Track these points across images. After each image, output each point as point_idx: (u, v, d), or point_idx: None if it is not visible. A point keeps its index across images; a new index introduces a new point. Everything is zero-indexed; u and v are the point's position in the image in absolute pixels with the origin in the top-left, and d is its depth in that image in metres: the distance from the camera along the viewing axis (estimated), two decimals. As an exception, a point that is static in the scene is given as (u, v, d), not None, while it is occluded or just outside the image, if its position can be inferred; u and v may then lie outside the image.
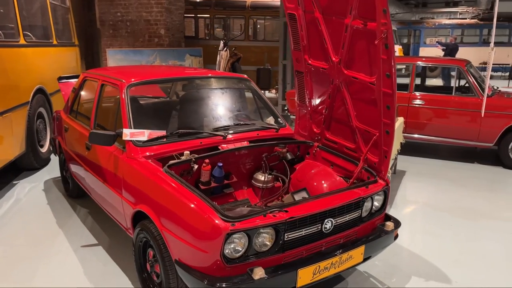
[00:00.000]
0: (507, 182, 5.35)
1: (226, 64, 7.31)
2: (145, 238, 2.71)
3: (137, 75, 3.46)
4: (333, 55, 2.89)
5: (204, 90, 3.73)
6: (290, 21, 3.14)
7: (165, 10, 9.67)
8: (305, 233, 2.41)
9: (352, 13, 2.57)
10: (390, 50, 2.38)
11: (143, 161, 2.81)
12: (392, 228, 2.79)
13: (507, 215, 4.23)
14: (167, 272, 2.48)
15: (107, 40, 10.29)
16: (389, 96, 2.53)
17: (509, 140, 5.63)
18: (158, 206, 2.52)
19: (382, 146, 2.75)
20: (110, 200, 3.21)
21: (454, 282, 3.05)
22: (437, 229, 3.89)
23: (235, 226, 2.18)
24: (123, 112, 3.08)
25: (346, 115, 3.04)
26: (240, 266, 2.25)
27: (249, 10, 11.41)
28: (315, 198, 2.54)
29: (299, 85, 3.39)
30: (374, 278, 3.09)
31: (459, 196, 4.74)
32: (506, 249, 3.56)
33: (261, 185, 3.17)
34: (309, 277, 2.38)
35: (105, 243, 3.58)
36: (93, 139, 2.95)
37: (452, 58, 6.21)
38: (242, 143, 3.18)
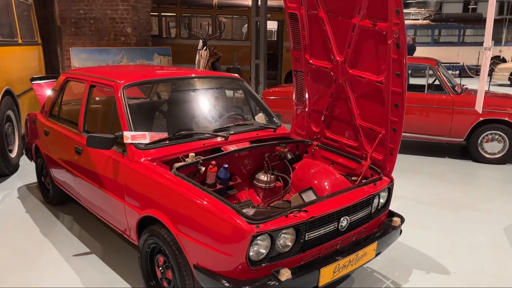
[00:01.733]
0: (479, 175, 5.65)
1: (206, 63, 7.20)
2: (154, 244, 2.62)
3: (131, 75, 3.33)
4: (337, 54, 2.92)
5: (197, 90, 3.65)
6: (290, 20, 3.14)
7: (131, 8, 9.37)
8: (323, 232, 2.42)
9: (361, 13, 2.61)
10: (401, 50, 2.43)
11: (149, 164, 2.71)
12: (399, 224, 2.88)
13: (486, 206, 4.46)
14: (183, 278, 2.41)
15: (68, 38, 9.81)
16: (398, 94, 2.59)
17: (478, 135, 5.94)
18: (172, 210, 2.43)
19: (388, 143, 2.82)
20: (108, 206, 3.07)
21: (452, 272, 3.18)
22: (426, 222, 4.04)
23: (260, 228, 2.15)
24: (121, 114, 2.96)
25: (348, 114, 3.09)
26: (264, 268, 2.22)
27: (216, 9, 11.31)
28: (330, 197, 2.55)
29: (298, 84, 3.40)
30: (377, 273, 3.16)
31: (439, 190, 4.95)
32: (491, 238, 3.75)
33: (263, 185, 3.15)
34: (330, 275, 2.39)
35: (98, 251, 3.43)
36: (91, 143, 2.81)
37: (424, 58, 6.46)
38: (245, 144, 3.14)
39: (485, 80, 3.28)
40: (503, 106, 5.87)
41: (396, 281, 3.06)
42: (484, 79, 3.28)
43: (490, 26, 3.22)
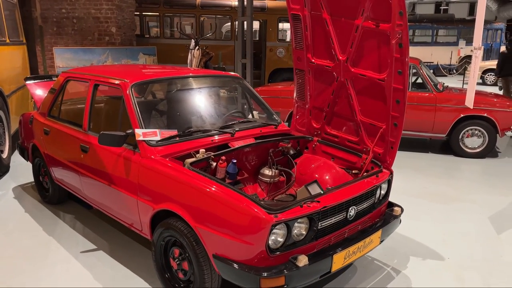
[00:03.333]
0: (462, 169, 5.94)
1: (199, 63, 7.26)
2: (169, 237, 2.71)
3: (137, 75, 3.39)
4: (340, 53, 3.08)
5: (201, 89, 3.74)
6: (293, 21, 3.27)
7: (116, 7, 9.31)
8: (334, 221, 2.57)
9: (364, 15, 2.77)
10: (404, 49, 2.60)
11: (162, 160, 2.79)
12: (399, 213, 3.06)
13: (470, 197, 4.73)
14: (201, 268, 2.51)
15: (50, 38, 9.67)
16: (400, 91, 2.76)
17: (460, 131, 6.24)
18: (189, 203, 2.53)
19: (389, 137, 2.99)
20: (118, 202, 3.13)
21: (447, 258, 3.39)
22: (418, 214, 4.26)
23: (278, 217, 2.27)
24: (130, 112, 3.02)
25: (349, 110, 3.25)
26: (282, 256, 2.35)
27: (199, 9, 11.34)
28: (338, 188, 2.70)
29: (299, 83, 3.54)
30: (378, 261, 3.34)
31: (425, 183, 5.19)
32: (478, 227, 3.99)
33: (268, 179, 3.27)
34: (341, 261, 2.54)
35: (105, 247, 3.48)
36: (103, 141, 2.87)
37: (407, 57, 6.70)
38: (250, 140, 3.26)
39: (475, 78, 3.51)
40: (482, 103, 6.18)
41: (396, 267, 3.24)
42: (475, 77, 3.51)
43: (480, 27, 3.45)
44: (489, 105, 6.14)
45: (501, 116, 6.07)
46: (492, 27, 21.72)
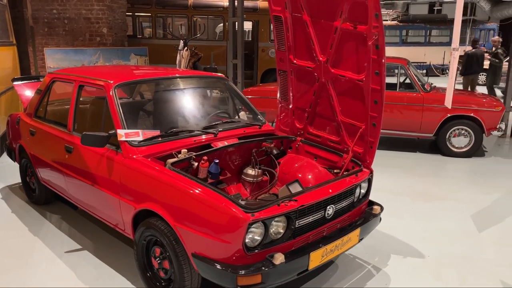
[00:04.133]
0: (448, 168, 6.00)
1: (188, 63, 7.29)
2: (150, 236, 2.74)
3: (121, 76, 3.42)
4: (320, 55, 3.12)
5: (186, 89, 3.78)
6: (275, 23, 3.32)
7: (107, 8, 9.31)
8: (311, 219, 2.61)
9: (342, 17, 2.81)
10: (380, 51, 2.65)
11: (144, 160, 2.83)
12: (379, 212, 3.11)
13: (454, 196, 4.79)
14: (181, 267, 2.55)
15: (41, 38, 9.66)
16: (378, 92, 2.81)
17: (446, 131, 6.31)
18: (169, 202, 2.57)
19: (368, 137, 3.04)
20: (101, 202, 3.16)
21: (427, 256, 3.44)
22: (401, 212, 4.32)
23: (255, 216, 2.32)
24: (113, 113, 3.06)
25: (330, 110, 3.29)
26: (259, 254, 2.39)
27: (192, 9, 11.37)
28: (317, 187, 2.75)
29: (282, 83, 3.58)
30: (359, 259, 3.39)
31: (410, 182, 5.25)
32: (459, 225, 4.05)
33: (252, 179, 3.31)
34: (318, 259, 2.59)
35: (90, 247, 3.50)
36: (86, 141, 2.90)
37: (395, 57, 6.78)
38: (233, 140, 3.30)
39: (454, 79, 3.57)
40: (468, 103, 6.25)
41: (376, 265, 3.29)
42: (453, 77, 3.57)
43: (458, 28, 3.50)
44: (475, 105, 6.21)
45: (487, 116, 6.14)
46: (485, 27, 21.89)
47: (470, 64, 9.10)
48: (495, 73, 9.60)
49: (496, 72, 9.56)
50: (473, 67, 9.13)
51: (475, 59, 9.16)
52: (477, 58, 9.22)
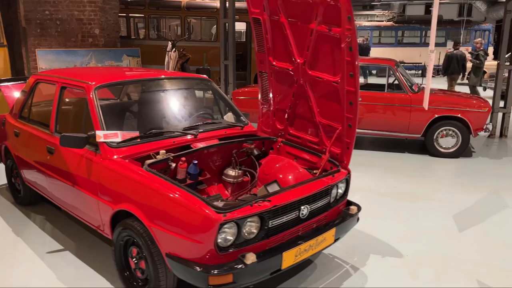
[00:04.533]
0: (434, 168, 6.04)
1: (176, 65, 7.32)
2: (127, 237, 2.77)
3: (102, 77, 3.45)
4: (298, 57, 3.15)
5: (168, 90, 3.80)
6: (254, 25, 3.35)
7: (99, 9, 9.34)
8: (285, 219, 2.64)
9: (318, 19, 2.84)
10: (354, 53, 2.68)
11: (121, 162, 2.85)
12: (356, 212, 3.14)
13: (438, 196, 4.82)
14: (156, 267, 2.58)
15: (34, 39, 9.68)
16: (352, 93, 2.85)
17: (434, 131, 6.35)
18: (145, 203, 2.59)
19: (345, 138, 3.07)
20: (81, 202, 3.18)
21: (405, 256, 3.47)
22: (384, 212, 4.35)
23: (227, 216, 2.35)
24: (93, 114, 3.08)
25: (309, 112, 3.33)
26: (232, 254, 2.42)
27: (185, 10, 11.40)
28: (291, 188, 2.78)
29: (263, 85, 3.61)
30: (338, 258, 3.42)
31: (396, 182, 5.29)
32: (441, 225, 4.08)
33: (231, 180, 3.33)
34: (292, 259, 2.61)
35: (72, 248, 3.53)
36: (64, 142, 2.93)
37: (383, 59, 6.82)
38: (213, 141, 3.33)
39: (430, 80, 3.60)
40: (456, 103, 6.29)
41: (354, 265, 3.32)
42: (430, 78, 3.60)
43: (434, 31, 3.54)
44: (462, 106, 6.25)
45: (474, 117, 6.18)
46: (480, 28, 21.98)
47: (449, 65, 9.65)
48: (477, 74, 9.90)
49: (477, 73, 9.89)
50: (452, 68, 9.64)
51: (455, 60, 9.66)
52: (457, 59, 9.69)
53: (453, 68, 9.72)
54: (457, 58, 9.72)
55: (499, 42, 7.70)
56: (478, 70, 9.91)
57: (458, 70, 9.83)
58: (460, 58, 9.71)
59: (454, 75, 9.86)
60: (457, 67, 9.76)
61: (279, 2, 3.04)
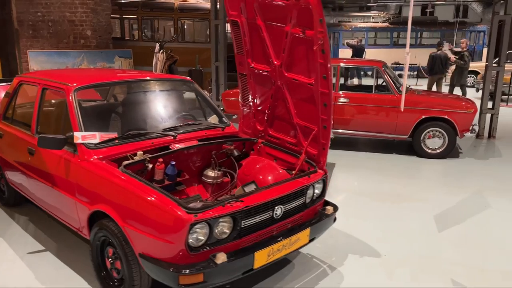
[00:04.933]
0: (420, 169, 6.08)
1: (163, 66, 7.35)
2: (104, 237, 2.80)
3: (83, 79, 3.48)
4: (275, 59, 3.19)
5: (149, 92, 3.83)
6: (233, 27, 3.38)
7: (91, 10, 9.38)
8: (258, 220, 2.67)
9: (292, 22, 2.88)
10: (326, 55, 2.72)
11: (98, 163, 2.88)
12: (331, 212, 3.17)
13: (421, 196, 4.86)
14: (130, 267, 2.60)
15: (26, 41, 9.71)
16: (326, 95, 2.88)
17: (421, 132, 6.39)
18: (119, 204, 2.62)
19: (321, 139, 3.11)
20: (60, 203, 3.21)
21: (383, 256, 3.51)
22: (366, 212, 4.39)
23: (198, 216, 2.38)
24: (71, 116, 3.11)
25: (287, 113, 3.36)
26: (203, 253, 2.45)
27: (178, 12, 11.43)
28: (266, 188, 2.82)
29: (243, 86, 3.64)
30: (316, 258, 3.45)
31: (381, 183, 5.33)
32: (421, 225, 4.12)
33: (211, 181, 3.37)
34: (264, 258, 2.64)
35: (53, 248, 3.55)
36: (42, 143, 2.96)
37: (371, 60, 6.85)
38: (192, 142, 3.35)
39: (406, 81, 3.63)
40: (442, 105, 6.34)
41: (332, 265, 3.35)
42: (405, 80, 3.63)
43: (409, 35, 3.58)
44: (449, 107, 6.29)
45: (460, 118, 6.22)
46: (475, 29, 22.06)
47: (433, 65, 9.97)
48: (461, 74, 10.12)
49: (462, 73, 10.12)
50: (436, 68, 9.97)
51: (439, 60, 9.94)
52: (440, 60, 9.96)
53: (437, 68, 10.02)
54: (441, 59, 10.00)
55: (489, 43, 7.75)
56: (463, 71, 10.14)
57: (442, 70, 10.14)
58: (443, 59, 10.00)
59: (438, 75, 10.17)
60: (441, 68, 10.06)
61: (256, 5, 3.07)
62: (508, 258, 3.52)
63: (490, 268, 3.36)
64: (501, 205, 4.63)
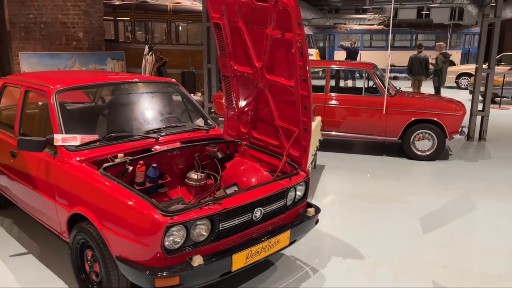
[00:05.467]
0: (409, 171, 6.09)
1: (152, 68, 7.35)
2: (82, 240, 2.79)
3: (65, 81, 3.47)
4: (256, 61, 3.19)
5: (133, 94, 3.83)
6: (215, 29, 3.38)
7: (83, 12, 9.36)
8: (237, 222, 2.67)
9: (272, 24, 2.88)
10: (305, 58, 2.72)
11: (78, 165, 2.87)
12: (313, 214, 3.17)
13: (407, 198, 4.87)
14: (108, 269, 2.59)
15: (18, 43, 9.68)
16: (306, 97, 2.89)
17: (411, 134, 6.40)
18: (97, 207, 2.62)
19: (302, 141, 3.11)
20: (41, 206, 3.20)
21: (366, 257, 3.51)
22: (353, 214, 4.39)
23: (174, 219, 2.37)
24: (52, 118, 3.10)
25: (269, 115, 3.36)
26: (180, 256, 2.45)
27: (171, 14, 11.43)
28: (245, 190, 2.81)
29: (226, 88, 3.64)
30: (299, 260, 3.45)
31: (370, 185, 5.33)
32: (406, 227, 4.13)
33: (194, 183, 3.36)
34: (242, 261, 2.64)
35: (36, 251, 3.54)
36: (22, 146, 2.95)
37: (361, 62, 6.87)
38: (175, 144, 3.35)
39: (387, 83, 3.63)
40: (431, 107, 6.35)
41: (315, 267, 3.35)
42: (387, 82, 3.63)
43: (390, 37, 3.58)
44: (438, 109, 6.31)
45: (449, 120, 6.23)
46: (470, 32, 22.16)
47: (413, 67, 10.44)
48: (438, 76, 10.68)
49: (438, 75, 10.66)
50: (416, 69, 10.41)
51: (418, 62, 10.37)
52: (419, 62, 10.37)
53: (417, 70, 10.41)
54: (420, 61, 10.41)
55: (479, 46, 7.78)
56: (436, 73, 10.69)
57: (422, 71, 10.45)
58: (422, 60, 10.40)
59: (417, 76, 10.52)
60: (420, 69, 10.41)
61: (236, 7, 3.08)
62: (490, 260, 3.53)
63: (472, 269, 3.37)
64: (487, 207, 4.64)
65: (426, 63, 10.40)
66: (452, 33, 21.40)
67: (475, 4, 23.76)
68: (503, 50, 22.98)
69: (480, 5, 22.68)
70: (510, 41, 25.77)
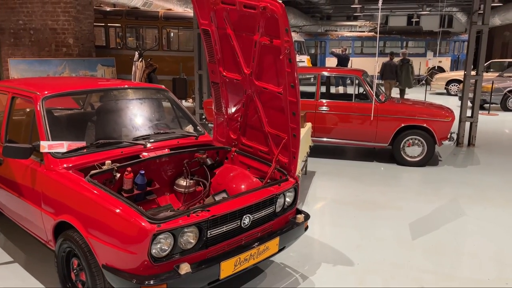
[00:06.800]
0: (399, 177, 6.12)
1: (142, 74, 7.32)
2: (68, 248, 2.75)
3: (52, 87, 3.44)
4: (245, 67, 3.19)
5: (122, 101, 3.80)
6: (204, 36, 3.38)
7: (73, 19, 9.32)
8: (226, 229, 2.65)
9: (260, 31, 2.89)
10: (293, 64, 2.73)
11: (64, 172, 2.84)
12: (302, 220, 3.16)
13: (398, 204, 4.88)
14: (94, 278, 2.56)
15: (7, 49, 9.61)
16: (294, 104, 2.89)
17: (401, 140, 6.43)
18: (83, 214, 2.58)
19: (291, 148, 3.11)
20: (27, 214, 3.15)
21: (356, 264, 3.50)
22: (343, 221, 4.39)
23: (161, 227, 2.35)
24: (39, 125, 3.07)
25: (259, 122, 3.36)
26: (167, 264, 2.42)
27: (162, 20, 11.43)
28: (234, 197, 2.80)
29: (216, 95, 3.64)
30: (289, 267, 3.43)
31: (360, 191, 5.34)
32: (396, 232, 4.13)
33: (182, 190, 3.34)
34: (231, 268, 2.62)
35: (21, 260, 3.48)
36: (7, 153, 2.91)
37: (351, 69, 6.91)
38: (163, 151, 3.33)
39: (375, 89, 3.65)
40: (421, 113, 6.40)
41: (304, 274, 3.33)
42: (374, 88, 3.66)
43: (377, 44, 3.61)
44: (427, 116, 6.36)
45: (438, 126, 6.28)
46: (459, 39, 22.47)
47: (385, 72, 11.70)
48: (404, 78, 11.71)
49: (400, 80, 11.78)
50: (386, 74, 11.74)
51: (388, 67, 11.70)
52: (390, 67, 11.71)
53: (387, 74, 11.75)
54: (390, 66, 11.72)
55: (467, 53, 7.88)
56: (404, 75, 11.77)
57: (392, 76, 11.75)
58: (392, 66, 11.71)
59: (388, 80, 11.84)
60: (390, 74, 11.71)
61: (225, 14, 3.08)
62: (479, 266, 3.54)
63: (461, 275, 3.38)
64: (476, 213, 4.67)
65: (396, 68, 11.70)
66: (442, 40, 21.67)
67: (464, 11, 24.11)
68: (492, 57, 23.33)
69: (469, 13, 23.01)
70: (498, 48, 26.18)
